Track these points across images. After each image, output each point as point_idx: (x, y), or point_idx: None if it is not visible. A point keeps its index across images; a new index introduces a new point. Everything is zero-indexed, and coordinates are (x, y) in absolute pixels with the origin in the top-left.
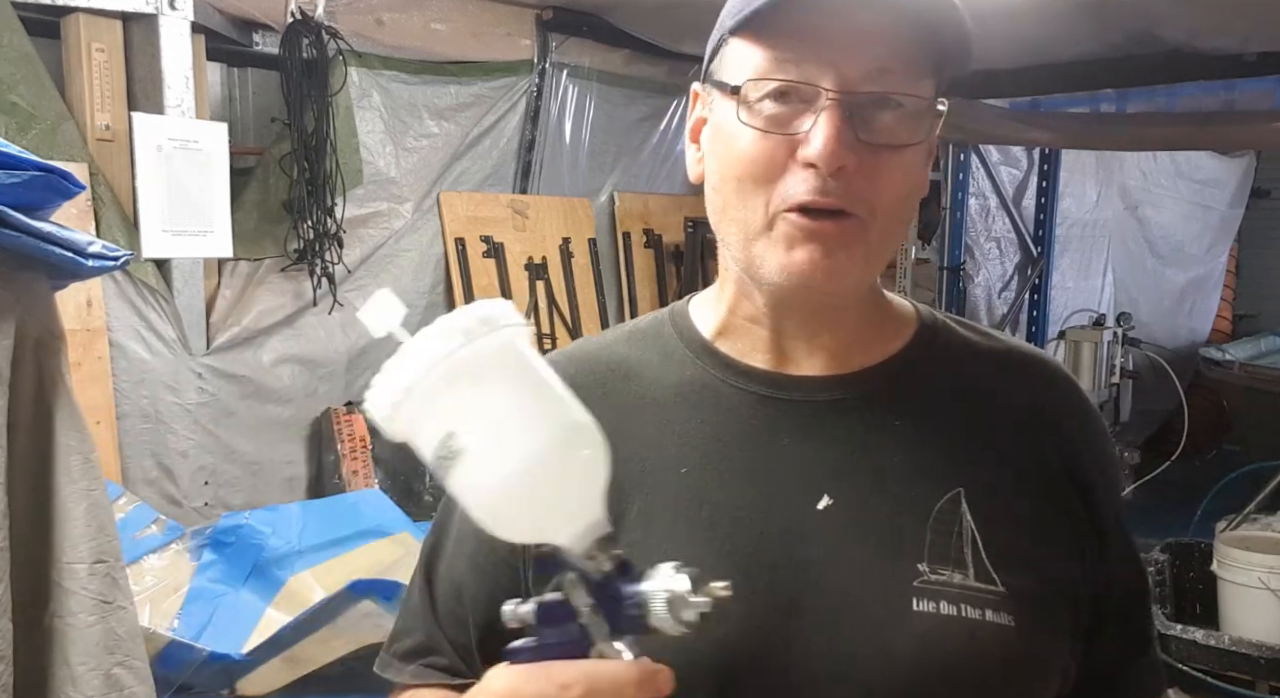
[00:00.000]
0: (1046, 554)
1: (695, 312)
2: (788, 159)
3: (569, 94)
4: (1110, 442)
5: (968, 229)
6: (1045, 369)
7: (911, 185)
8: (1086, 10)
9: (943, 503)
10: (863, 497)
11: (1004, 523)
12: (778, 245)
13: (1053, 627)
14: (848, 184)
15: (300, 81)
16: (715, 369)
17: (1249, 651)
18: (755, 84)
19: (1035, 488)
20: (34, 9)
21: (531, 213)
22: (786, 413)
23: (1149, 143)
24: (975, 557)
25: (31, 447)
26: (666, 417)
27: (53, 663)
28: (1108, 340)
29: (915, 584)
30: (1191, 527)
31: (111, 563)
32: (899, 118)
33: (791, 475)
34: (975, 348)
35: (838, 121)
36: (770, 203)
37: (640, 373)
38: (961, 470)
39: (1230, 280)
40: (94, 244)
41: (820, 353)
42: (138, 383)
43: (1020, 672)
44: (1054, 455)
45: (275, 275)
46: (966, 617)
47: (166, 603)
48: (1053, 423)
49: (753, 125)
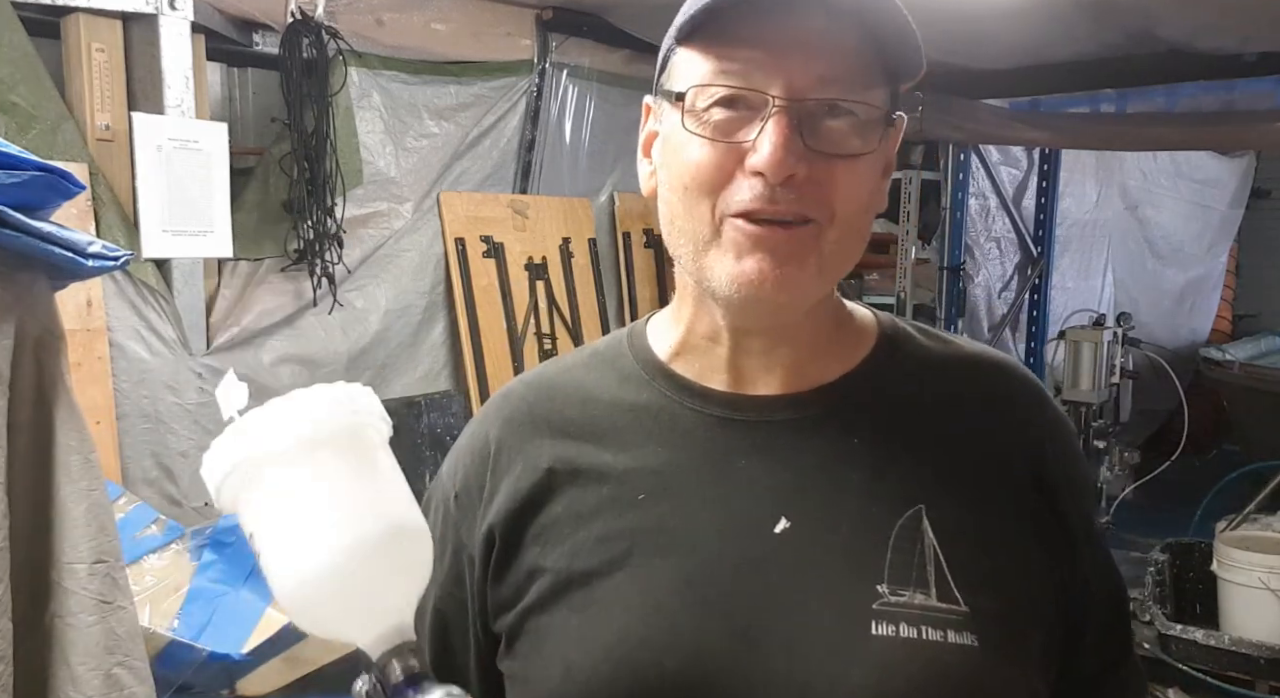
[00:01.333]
0: (1013, 571)
1: (653, 332)
2: (735, 168)
3: (569, 94)
4: (1077, 447)
5: (968, 229)
6: (1010, 376)
7: (866, 196)
8: (1086, 10)
9: (903, 521)
10: (821, 518)
11: (968, 540)
12: (726, 254)
13: (1019, 646)
14: (797, 193)
15: (300, 81)
16: (671, 392)
17: (1249, 651)
18: (701, 91)
19: (1001, 502)
20: (34, 9)
21: (531, 213)
22: (744, 435)
23: (1149, 143)
24: (938, 576)
25: (31, 447)
26: (623, 443)
27: (53, 663)
28: (1108, 340)
29: (874, 607)
30: (1191, 527)
31: (111, 563)
32: (850, 126)
33: (749, 499)
34: (937, 358)
35: (785, 129)
36: (716, 209)
37: (598, 398)
38: (923, 487)
39: (1230, 280)
40: (94, 244)
41: (777, 370)
42: (138, 383)
43: (985, 693)
44: (1020, 465)
45: (275, 275)
46: (927, 639)
47: (166, 603)
48: (1018, 431)
49: (699, 133)
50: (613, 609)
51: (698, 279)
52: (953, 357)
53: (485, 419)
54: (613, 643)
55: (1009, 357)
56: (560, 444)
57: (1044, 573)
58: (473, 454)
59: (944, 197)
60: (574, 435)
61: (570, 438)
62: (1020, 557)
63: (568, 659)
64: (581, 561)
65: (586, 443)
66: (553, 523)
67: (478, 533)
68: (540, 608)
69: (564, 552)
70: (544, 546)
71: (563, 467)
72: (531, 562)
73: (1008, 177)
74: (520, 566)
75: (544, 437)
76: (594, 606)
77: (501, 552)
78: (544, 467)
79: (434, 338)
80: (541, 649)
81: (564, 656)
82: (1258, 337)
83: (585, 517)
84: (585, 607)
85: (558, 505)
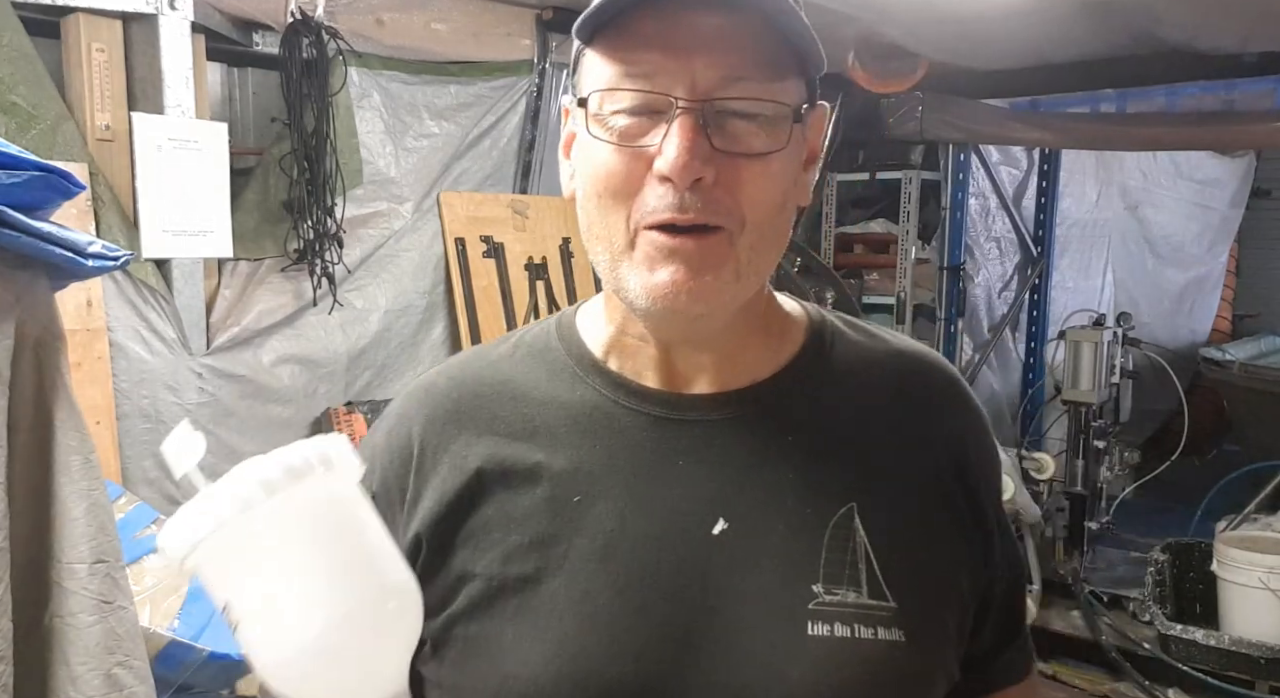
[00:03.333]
0: (936, 563)
1: (583, 325)
2: (644, 173)
3: None
4: (993, 439)
5: (968, 229)
6: (931, 369)
7: (779, 195)
8: (1087, 10)
9: (836, 519)
10: (757, 518)
11: (896, 536)
12: (640, 266)
13: (941, 635)
14: (707, 197)
15: (300, 81)
16: (607, 390)
17: (1249, 651)
18: (605, 96)
19: (926, 496)
20: (34, 9)
21: (531, 213)
22: (681, 435)
23: (1149, 143)
24: (869, 573)
25: (31, 447)
26: (556, 442)
27: (53, 663)
28: (1108, 340)
29: (810, 607)
30: (1191, 527)
31: (111, 563)
32: (759, 124)
33: (687, 500)
34: (864, 352)
35: (690, 131)
36: (630, 219)
37: (528, 394)
38: (853, 484)
39: (1230, 280)
40: (94, 244)
41: (709, 370)
42: (138, 383)
43: (911, 685)
44: (943, 459)
45: (275, 275)
46: (859, 637)
47: (166, 603)
48: (939, 426)
49: (605, 139)
50: (549, 618)
51: (615, 288)
52: (878, 352)
53: (405, 416)
54: (550, 654)
55: (931, 351)
56: (489, 443)
57: (962, 563)
58: (392, 454)
59: (944, 197)
60: (504, 434)
61: (500, 436)
62: (943, 549)
63: (504, 671)
64: (515, 566)
65: (518, 441)
66: (483, 526)
67: (401, 539)
68: (470, 615)
69: (496, 556)
70: (474, 549)
71: (493, 467)
72: (460, 567)
73: (1008, 177)
74: (448, 571)
75: (471, 435)
76: (529, 614)
77: (428, 558)
78: (472, 467)
79: (434, 338)
80: (474, 659)
81: (499, 667)
82: (1258, 337)
83: (518, 520)
84: (520, 615)
85: (489, 508)
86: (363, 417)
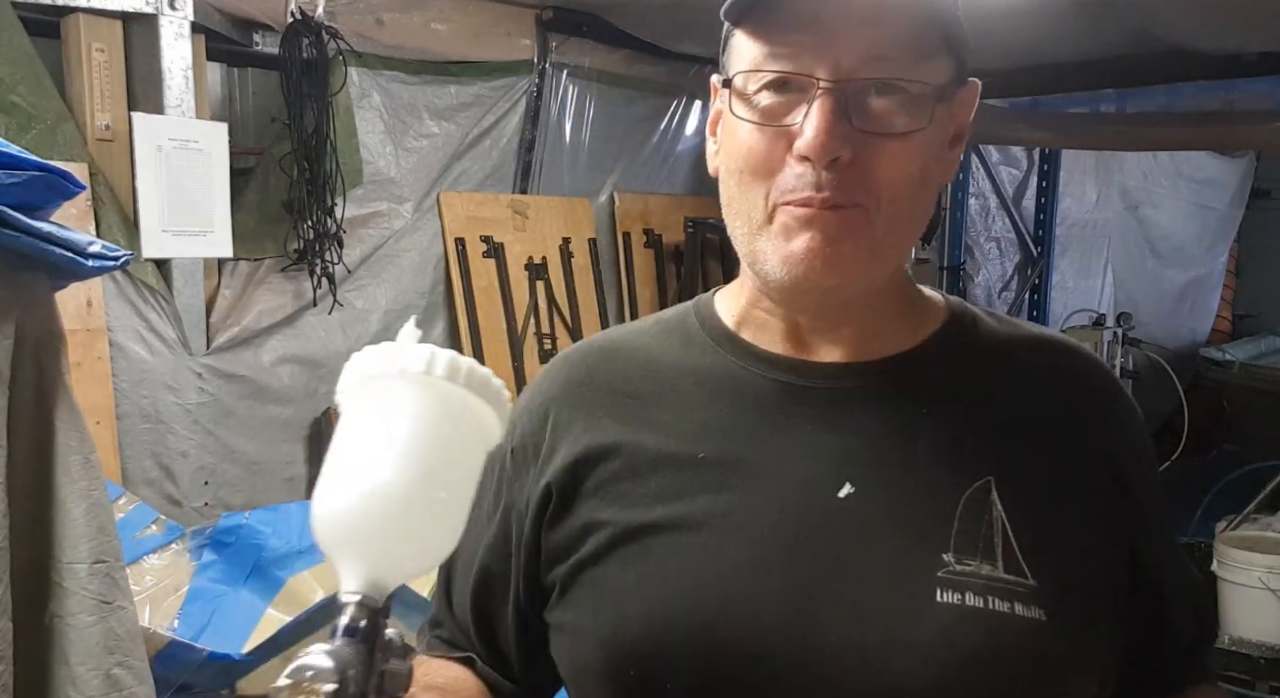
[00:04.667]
0: (1082, 549)
1: (719, 303)
2: (785, 152)
3: (569, 94)
4: (1146, 434)
5: (968, 229)
6: (1079, 360)
7: (919, 173)
8: (1086, 10)
9: (972, 491)
10: (886, 485)
11: (1036, 514)
12: (778, 237)
13: (1088, 623)
14: (844, 175)
15: (300, 81)
16: (736, 356)
17: (1249, 651)
18: (749, 76)
19: (1071, 480)
20: (34, 9)
21: (531, 213)
22: (808, 401)
23: (1149, 143)
24: (1005, 547)
25: (31, 447)
26: (685, 403)
27: (53, 663)
28: (1108, 340)
29: (940, 575)
30: (1191, 527)
31: (111, 563)
32: (899, 103)
33: (813, 463)
34: (1006, 338)
35: (829, 111)
36: (769, 196)
37: (661, 360)
38: (992, 459)
39: (1230, 280)
40: (94, 244)
41: (842, 341)
42: (138, 383)
43: (1053, 668)
44: (1092, 448)
45: (275, 275)
46: (994, 610)
47: (166, 603)
48: (1091, 415)
49: (747, 118)
50: (669, 565)
51: (750, 261)
52: (1023, 338)
53: (545, 379)
54: (667, 599)
55: (1079, 343)
56: (621, 404)
57: (1115, 555)
58: (530, 414)
59: (944, 197)
60: (634, 395)
61: (630, 397)
62: (1091, 537)
63: (621, 612)
64: (639, 514)
65: (648, 403)
66: (611, 478)
67: (533, 490)
68: (595, 560)
69: (622, 506)
70: (601, 499)
71: (623, 425)
72: (588, 514)
73: (1008, 177)
74: (576, 518)
75: (604, 396)
76: (650, 560)
77: (558, 506)
78: (604, 426)
79: (434, 338)
80: (595, 600)
81: (618, 608)
82: (1258, 337)
83: (644, 473)
84: (642, 561)
85: (617, 462)
86: None
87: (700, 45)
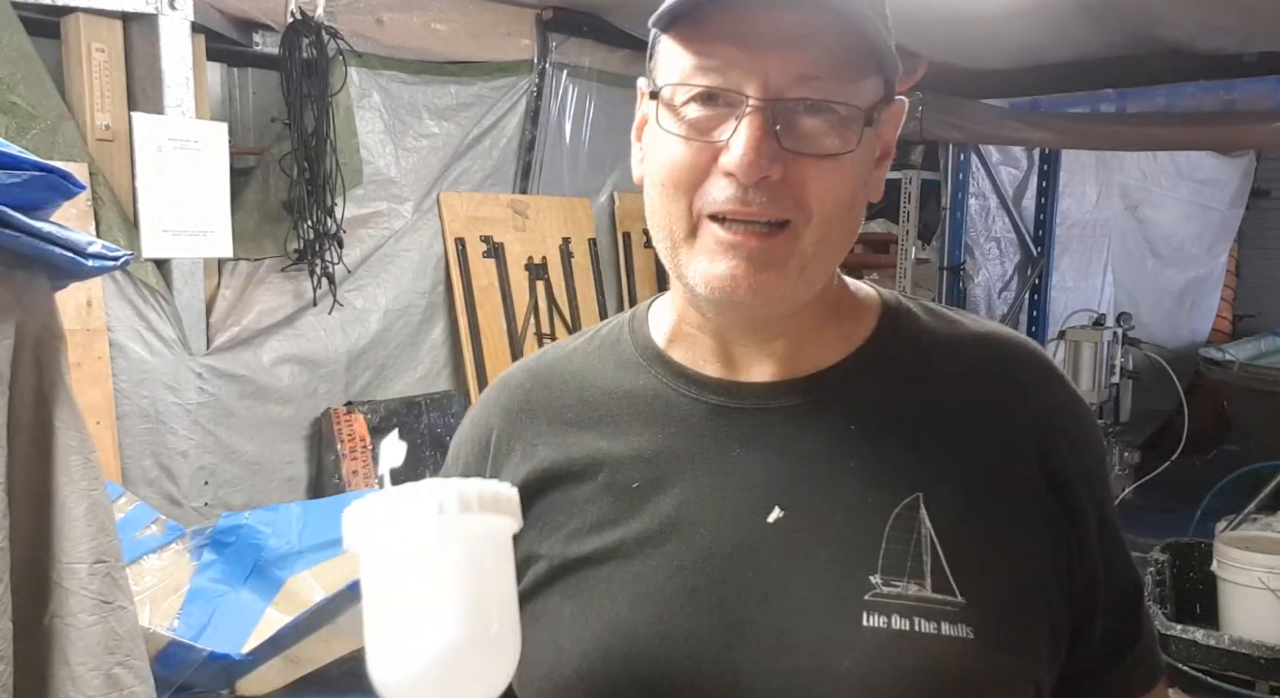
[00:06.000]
0: (1015, 560)
1: (653, 316)
2: (710, 164)
3: (569, 94)
4: (1092, 430)
5: (968, 229)
6: (1017, 354)
7: (848, 194)
8: (1086, 10)
9: (900, 509)
10: (815, 507)
11: (967, 528)
12: (700, 255)
13: (1020, 637)
14: (772, 192)
15: (300, 81)
16: (667, 378)
17: (1249, 651)
18: (677, 88)
19: (1005, 489)
20: (34, 9)
21: (531, 213)
22: (738, 422)
23: (1149, 143)
24: (935, 566)
25: (31, 447)
26: (618, 430)
27: (53, 663)
28: (1108, 340)
29: (866, 598)
30: (1191, 527)
31: (111, 563)
32: (829, 124)
33: (743, 489)
34: (941, 337)
35: (759, 130)
36: (694, 207)
37: (595, 383)
38: (921, 474)
39: (1230, 280)
40: (94, 244)
41: (772, 358)
42: (138, 383)
43: (981, 685)
44: (1026, 449)
45: (275, 275)
46: (919, 631)
47: (166, 603)
48: (1024, 413)
49: (673, 131)
50: (603, 597)
51: (675, 274)
52: (958, 336)
53: (485, 408)
54: (602, 631)
55: (1017, 334)
56: (557, 432)
57: (1049, 562)
58: (473, 443)
59: (944, 197)
60: (570, 422)
61: (567, 425)
62: (1023, 545)
63: (559, 645)
64: (575, 547)
65: (584, 431)
66: (549, 510)
67: None
68: (534, 594)
69: (559, 538)
70: (540, 532)
71: (560, 455)
72: (527, 548)
73: (1008, 177)
74: (518, 551)
75: (541, 425)
76: (585, 592)
77: None
78: (541, 455)
79: (434, 338)
80: (535, 634)
81: (555, 641)
82: (1258, 337)
83: (580, 504)
84: (577, 593)
85: (555, 493)
86: (362, 417)
87: None
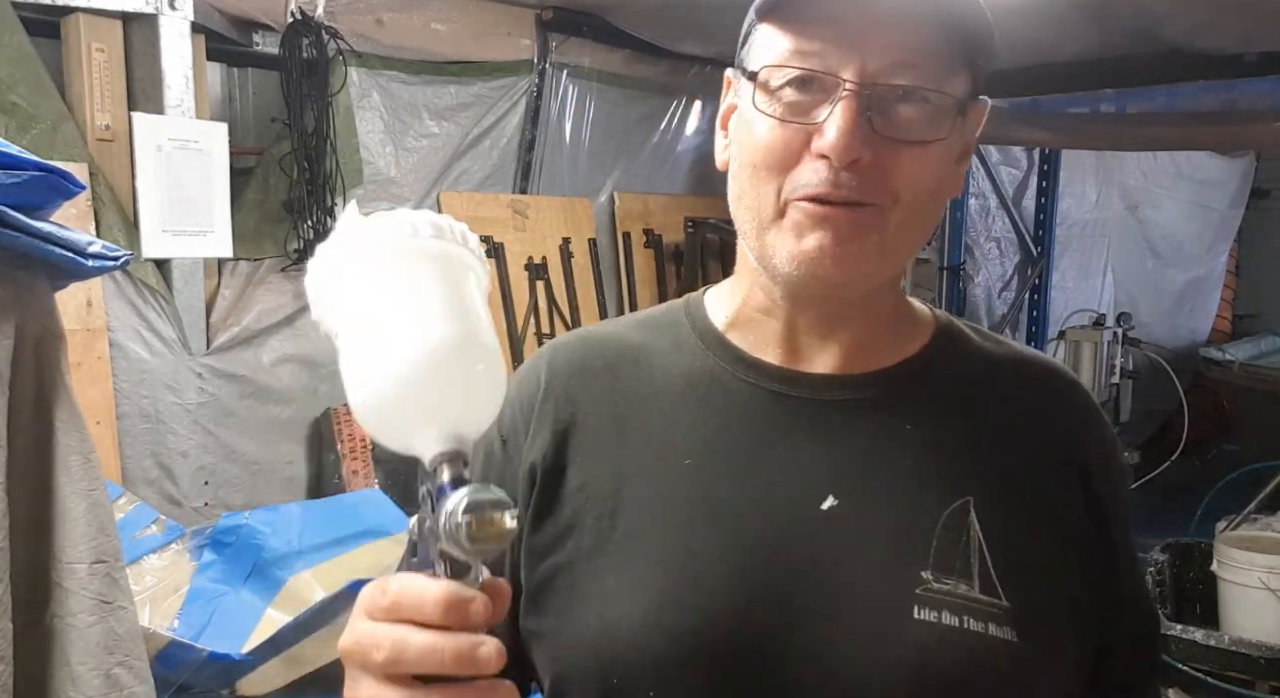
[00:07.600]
0: (1055, 574)
1: (710, 302)
2: (802, 148)
3: (569, 94)
4: (1121, 457)
5: (968, 229)
6: (1060, 381)
7: (934, 182)
8: (1086, 10)
9: (951, 511)
10: (869, 500)
11: (1012, 536)
12: (788, 233)
13: (1057, 646)
14: (862, 177)
15: (300, 81)
16: (725, 361)
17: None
18: (775, 71)
19: (1048, 506)
20: (34, 9)
21: (531, 213)
22: (796, 411)
23: (1149, 143)
24: (981, 568)
25: (31, 447)
26: (674, 406)
27: (53, 663)
28: (1108, 340)
29: (918, 591)
30: (1191, 527)
31: (111, 563)
32: (921, 113)
33: (798, 474)
34: (990, 356)
35: (853, 114)
36: (782, 191)
37: (650, 360)
38: (972, 479)
39: (1230, 280)
40: (94, 244)
41: (834, 350)
42: (138, 383)
43: (1023, 688)
44: (1070, 473)
45: (275, 275)
46: (968, 629)
47: (166, 603)
48: (1070, 439)
49: (769, 113)
50: (652, 570)
51: (759, 256)
52: (1007, 357)
53: (536, 364)
54: (649, 605)
55: (1059, 363)
56: (610, 397)
57: (1084, 582)
58: (520, 399)
59: None
60: (624, 392)
61: (620, 394)
62: (1063, 562)
63: (604, 616)
64: (623, 519)
65: (636, 401)
66: (595, 478)
67: (520, 473)
68: (576, 563)
69: (606, 509)
70: (586, 499)
71: (611, 421)
72: (571, 514)
73: (1008, 177)
74: (559, 517)
75: (593, 387)
76: (633, 565)
77: (541, 496)
78: (591, 416)
79: None
80: (577, 604)
81: (600, 612)
82: (1258, 337)
83: (629, 476)
84: (625, 565)
85: (603, 460)
86: None
87: (700, 45)
